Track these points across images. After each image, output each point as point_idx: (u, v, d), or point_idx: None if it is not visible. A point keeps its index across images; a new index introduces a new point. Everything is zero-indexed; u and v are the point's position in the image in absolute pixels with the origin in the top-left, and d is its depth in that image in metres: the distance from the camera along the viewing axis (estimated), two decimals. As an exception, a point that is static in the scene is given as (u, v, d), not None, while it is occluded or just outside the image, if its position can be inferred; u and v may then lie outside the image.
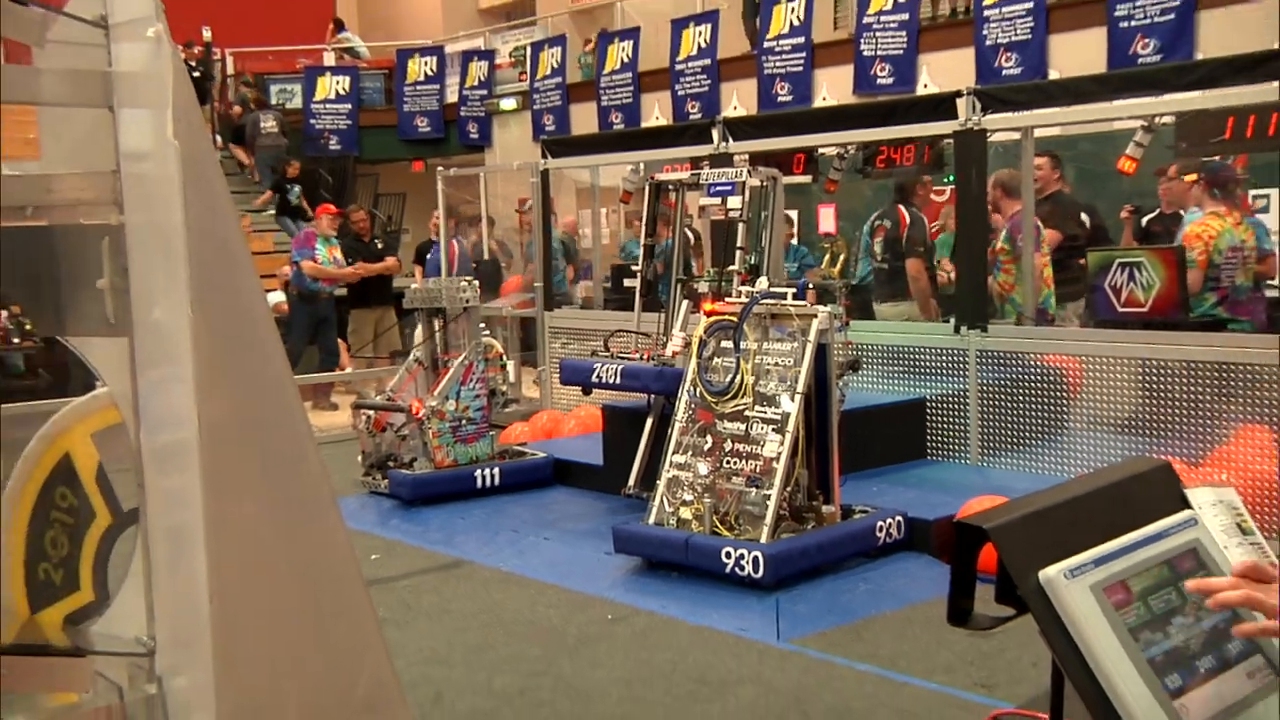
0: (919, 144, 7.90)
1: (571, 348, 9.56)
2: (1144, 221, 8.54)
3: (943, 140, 7.62)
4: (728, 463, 5.70)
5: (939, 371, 7.33)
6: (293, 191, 15.83)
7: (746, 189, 6.61)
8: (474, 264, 12.74)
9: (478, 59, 17.84)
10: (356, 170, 18.81)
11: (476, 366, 7.61)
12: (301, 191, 15.79)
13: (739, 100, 13.73)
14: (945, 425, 7.32)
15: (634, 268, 7.77)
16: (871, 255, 8.86)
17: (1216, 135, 6.55)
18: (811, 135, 8.38)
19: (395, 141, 18.30)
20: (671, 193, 7.40)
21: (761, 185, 6.79)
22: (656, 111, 14.76)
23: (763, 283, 6.03)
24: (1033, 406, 6.91)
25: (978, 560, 1.75)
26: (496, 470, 7.56)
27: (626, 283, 9.58)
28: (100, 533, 1.99)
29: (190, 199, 1.54)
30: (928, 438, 7.38)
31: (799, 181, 8.92)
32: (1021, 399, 6.96)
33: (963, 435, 7.23)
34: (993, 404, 7.09)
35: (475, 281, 7.95)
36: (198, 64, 17.29)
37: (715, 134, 8.61)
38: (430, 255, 12.83)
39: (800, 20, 13.08)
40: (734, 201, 6.62)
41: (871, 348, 7.49)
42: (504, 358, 8.14)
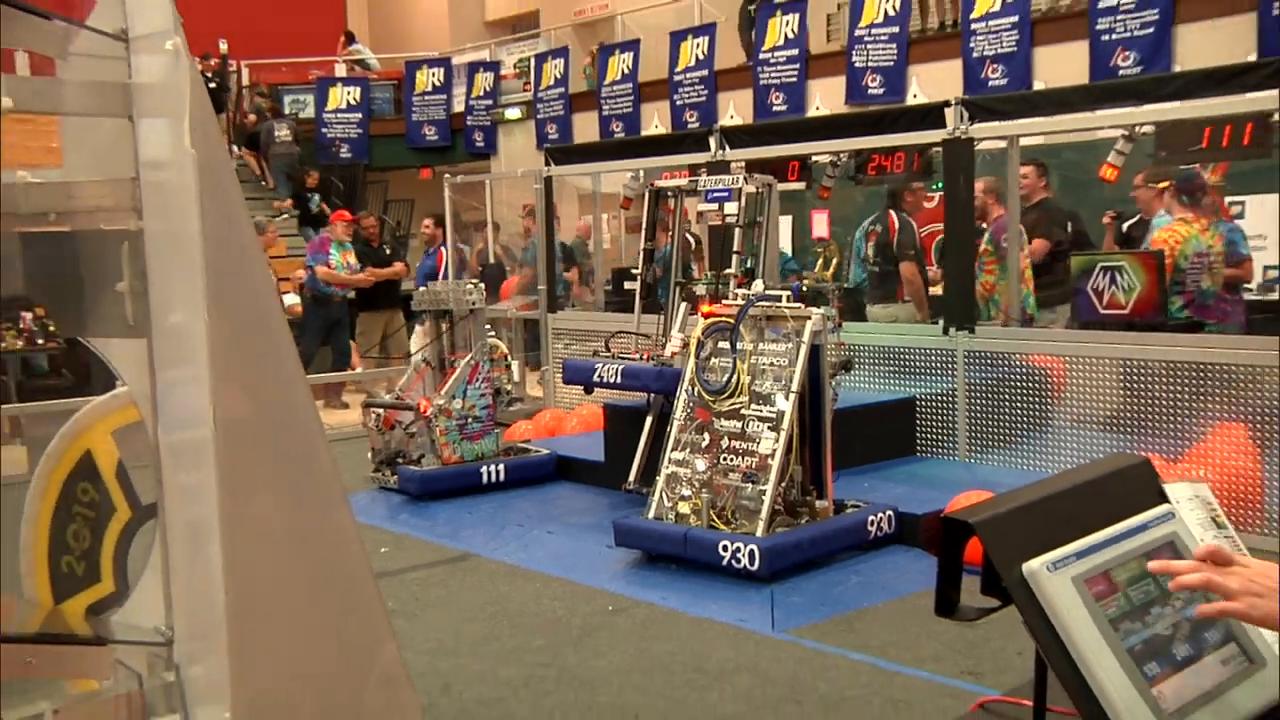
0: (909, 152, 7.90)
1: (574, 348, 9.56)
2: (1125, 227, 8.53)
3: (932, 148, 7.63)
4: (724, 459, 5.70)
5: (928, 371, 7.34)
6: (313, 200, 15.81)
7: (743, 195, 6.60)
8: (480, 268, 12.72)
9: (483, 70, 17.84)
10: (366, 177, 18.83)
11: (482, 366, 7.61)
12: (321, 199, 15.78)
13: (735, 110, 13.73)
14: (934, 423, 7.32)
15: (634, 271, 7.77)
16: (865, 260, 8.86)
17: (1194, 144, 6.58)
18: (805, 143, 8.38)
19: (404, 150, 18.31)
20: (670, 199, 7.40)
21: (757, 191, 6.79)
22: (656, 120, 14.76)
23: (758, 286, 6.03)
24: (1018, 405, 6.92)
25: (964, 553, 1.76)
26: (501, 466, 7.56)
27: (627, 285, 9.58)
28: (120, 526, 1.99)
29: (207, 206, 1.54)
30: (917, 435, 7.39)
31: (793, 188, 8.94)
32: (1007, 398, 6.96)
33: (951, 433, 7.23)
34: (980, 403, 7.09)
35: (481, 284, 7.96)
36: (214, 75, 17.27)
37: (713, 142, 8.61)
38: (422, 260, 12.75)
39: (794, 33, 13.10)
40: (730, 207, 6.62)
41: (863, 349, 7.49)
42: (509, 358, 8.12)
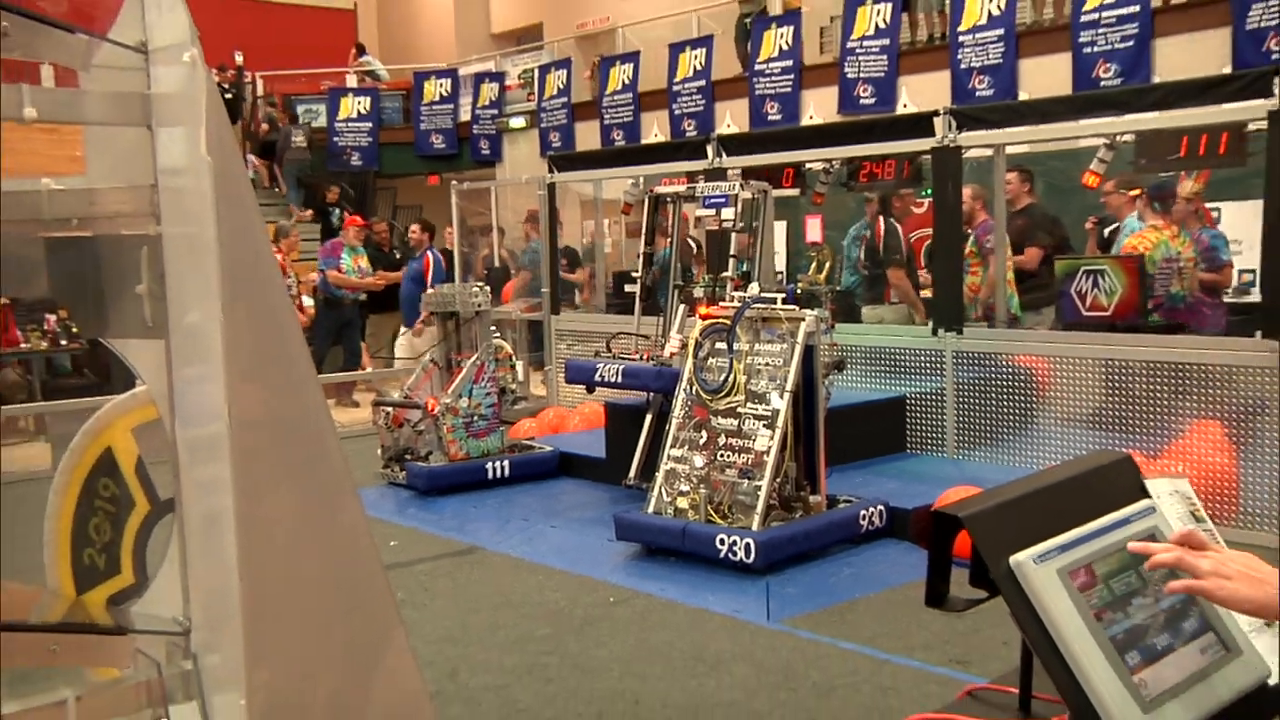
0: (899, 159, 7.90)
1: (576, 349, 9.56)
2: (1106, 232, 8.54)
3: (921, 156, 7.63)
4: (721, 456, 5.70)
5: (918, 371, 7.34)
6: (334, 214, 15.73)
7: (739, 201, 6.61)
8: (485, 271, 12.70)
9: (489, 80, 17.82)
10: (376, 184, 18.81)
11: (488, 366, 7.61)
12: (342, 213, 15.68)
13: (732, 118, 13.72)
14: (924, 421, 7.32)
15: (634, 274, 7.77)
16: (856, 264, 8.86)
17: (1172, 153, 6.58)
18: (799, 151, 8.39)
19: (412, 157, 18.29)
20: (669, 204, 7.40)
21: (753, 197, 6.79)
22: (655, 129, 14.75)
23: (754, 288, 6.03)
24: (1005, 403, 6.92)
25: (953, 546, 1.75)
26: (506, 463, 7.56)
27: (627, 288, 9.57)
28: (140, 520, 1.99)
29: (222, 211, 1.54)
30: (907, 432, 7.39)
31: (788, 194, 8.92)
32: (995, 396, 6.96)
33: (940, 430, 7.23)
34: (968, 401, 7.10)
35: (487, 287, 7.96)
36: (230, 86, 17.25)
37: (710, 150, 8.61)
38: (409, 264, 12.53)
39: (789, 45, 13.10)
40: (727, 213, 6.62)
41: (855, 349, 7.49)
42: (513, 358, 8.14)
